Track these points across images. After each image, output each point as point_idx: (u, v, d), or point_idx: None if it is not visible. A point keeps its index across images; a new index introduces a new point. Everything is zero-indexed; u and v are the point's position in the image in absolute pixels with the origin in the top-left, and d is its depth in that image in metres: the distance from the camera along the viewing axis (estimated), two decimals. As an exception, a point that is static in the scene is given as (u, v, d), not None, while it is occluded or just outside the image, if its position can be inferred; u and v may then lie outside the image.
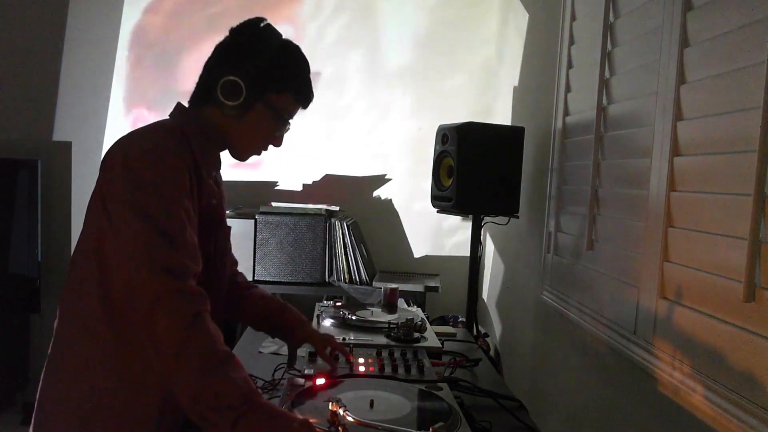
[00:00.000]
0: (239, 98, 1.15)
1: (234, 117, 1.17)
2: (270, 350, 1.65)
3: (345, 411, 1.00)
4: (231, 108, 1.16)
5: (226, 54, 1.18)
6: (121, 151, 1.08)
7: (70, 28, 2.89)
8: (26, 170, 2.70)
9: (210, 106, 1.18)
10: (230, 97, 1.15)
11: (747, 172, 1.03)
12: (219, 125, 1.19)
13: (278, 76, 1.18)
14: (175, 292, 0.99)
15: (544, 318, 2.16)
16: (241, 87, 1.14)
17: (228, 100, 1.15)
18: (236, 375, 0.97)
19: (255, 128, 1.21)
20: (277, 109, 1.20)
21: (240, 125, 1.19)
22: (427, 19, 3.19)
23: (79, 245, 1.12)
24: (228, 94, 1.14)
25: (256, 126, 1.20)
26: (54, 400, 1.12)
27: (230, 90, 1.14)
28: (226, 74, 1.14)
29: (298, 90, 1.22)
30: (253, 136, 1.22)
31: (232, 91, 1.14)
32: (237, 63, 1.15)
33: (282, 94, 1.20)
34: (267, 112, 1.19)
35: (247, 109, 1.17)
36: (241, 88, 1.14)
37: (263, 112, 1.19)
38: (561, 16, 2.06)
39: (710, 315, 1.15)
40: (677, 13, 1.30)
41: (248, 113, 1.17)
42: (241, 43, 1.17)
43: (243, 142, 1.23)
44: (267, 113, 1.19)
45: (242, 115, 1.17)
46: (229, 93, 1.14)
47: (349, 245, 2.86)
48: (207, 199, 1.18)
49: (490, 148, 2.22)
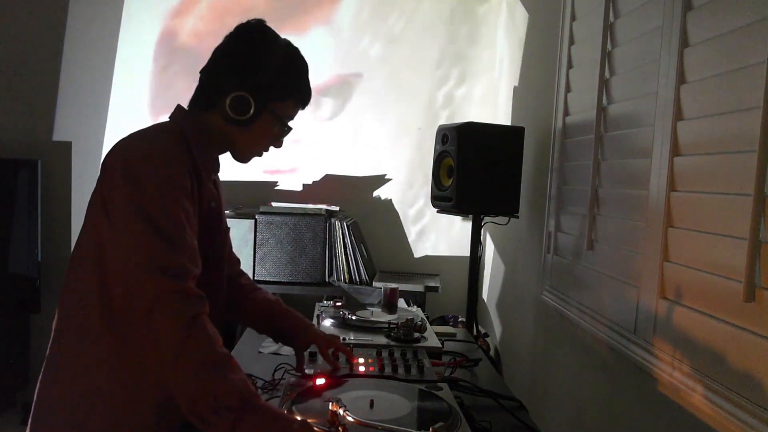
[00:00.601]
0: (248, 113, 1.16)
1: (238, 125, 1.18)
2: (270, 350, 1.65)
3: (345, 411, 1.00)
4: (238, 120, 1.17)
5: (230, 63, 1.18)
6: (121, 153, 1.08)
7: (70, 28, 2.89)
8: (26, 170, 2.70)
9: (212, 113, 1.18)
10: (239, 112, 1.16)
11: (747, 172, 1.03)
12: (222, 132, 1.19)
13: (283, 86, 1.19)
14: (174, 294, 0.99)
15: (544, 318, 2.16)
16: (249, 102, 1.15)
17: (237, 115, 1.16)
18: (235, 376, 0.97)
19: (260, 136, 1.22)
20: (281, 116, 1.21)
21: (245, 133, 1.20)
22: (428, 19, 3.19)
23: (78, 246, 1.12)
24: (237, 109, 1.15)
25: (262, 134, 1.22)
26: (51, 401, 1.12)
27: (239, 106, 1.15)
28: (233, 87, 1.15)
29: (300, 95, 1.24)
30: (257, 143, 1.24)
31: (242, 106, 1.15)
32: (243, 75, 1.15)
33: (285, 101, 1.21)
34: (272, 120, 1.20)
35: (254, 119, 1.18)
36: (250, 103, 1.15)
37: (268, 120, 1.20)
38: (561, 16, 2.06)
39: (710, 315, 1.15)
40: (677, 13, 1.30)
41: (254, 122, 1.18)
42: (244, 52, 1.17)
43: (247, 149, 1.24)
44: (272, 121, 1.20)
45: (248, 124, 1.18)
46: (239, 109, 1.15)
47: (349, 245, 2.86)
48: (207, 202, 1.18)
49: (490, 148, 2.22)
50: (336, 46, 3.17)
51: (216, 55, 1.20)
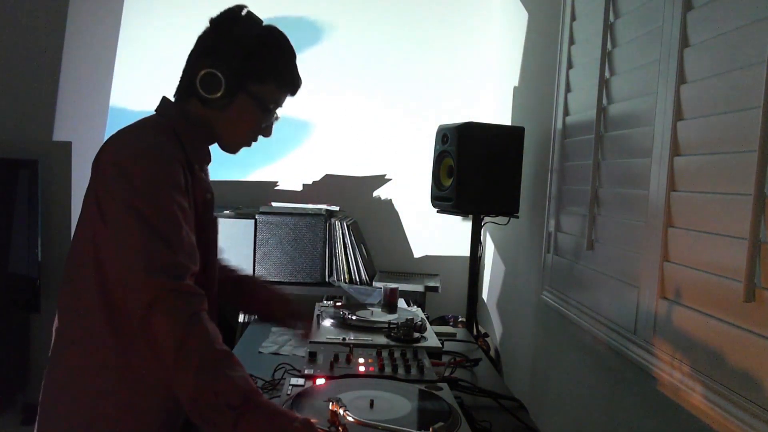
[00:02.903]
0: (219, 90, 1.14)
1: (217, 109, 1.16)
2: (270, 350, 1.65)
3: (345, 411, 1.00)
4: (213, 101, 1.15)
5: (206, 46, 1.17)
6: (112, 151, 1.07)
7: (70, 28, 2.89)
8: (26, 170, 2.70)
9: (193, 99, 1.17)
10: (210, 89, 1.14)
11: (747, 172, 1.03)
12: (203, 118, 1.18)
13: (258, 65, 1.16)
14: (172, 292, 0.99)
15: (544, 318, 2.16)
16: (219, 79, 1.13)
17: (208, 93, 1.14)
18: (236, 374, 0.96)
19: (239, 119, 1.19)
20: (260, 99, 1.18)
21: (224, 117, 1.18)
22: (428, 19, 3.19)
23: (75, 246, 1.11)
24: (207, 86, 1.13)
25: (241, 117, 1.19)
26: (56, 403, 1.12)
27: (209, 83, 1.13)
28: (205, 67, 1.13)
29: (281, 78, 1.20)
30: (238, 128, 1.21)
31: (211, 83, 1.13)
32: (215, 54, 1.14)
33: (264, 83, 1.18)
34: (250, 103, 1.18)
35: (230, 101, 1.16)
36: (219, 80, 1.13)
37: (246, 102, 1.17)
38: (561, 16, 2.06)
39: (710, 315, 1.15)
40: (677, 13, 1.30)
41: (231, 105, 1.16)
42: (219, 33, 1.16)
43: (229, 134, 1.22)
44: (250, 103, 1.18)
45: (225, 107, 1.16)
46: (209, 86, 1.13)
47: (349, 245, 2.86)
48: (202, 194, 1.17)
49: (490, 148, 2.22)
50: (336, 45, 3.17)
51: (197, 40, 1.19)
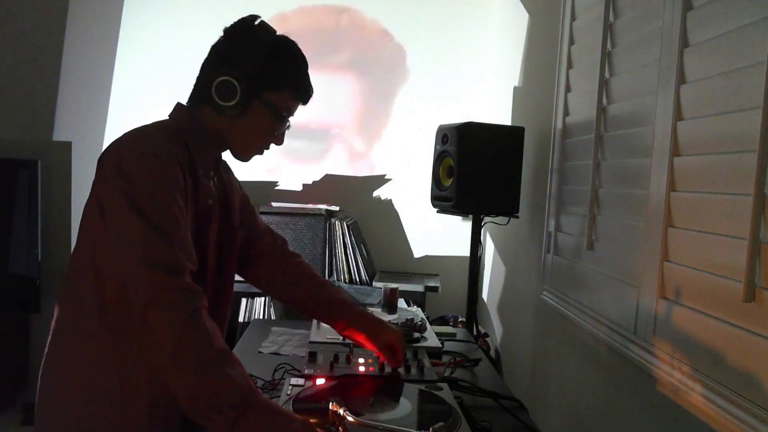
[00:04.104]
0: (234, 98, 1.14)
1: (231, 117, 1.17)
2: (270, 350, 1.65)
3: (345, 411, 1.00)
4: (227, 108, 1.15)
5: (220, 55, 1.17)
6: (116, 152, 1.08)
7: (70, 28, 2.89)
8: (26, 170, 2.70)
9: (206, 107, 1.17)
10: (225, 97, 1.14)
11: (747, 172, 1.03)
12: (216, 126, 1.18)
13: (273, 73, 1.17)
14: (171, 289, 0.98)
15: (544, 318, 2.16)
16: (235, 87, 1.13)
17: (223, 100, 1.14)
18: (235, 372, 0.96)
19: (253, 128, 1.20)
20: (274, 107, 1.19)
21: (238, 125, 1.18)
22: (427, 18, 3.19)
23: (77, 246, 1.12)
24: (222, 94, 1.14)
25: (255, 125, 1.20)
26: (53, 401, 1.12)
27: (224, 90, 1.14)
28: (220, 75, 1.14)
29: (295, 86, 1.21)
30: (252, 136, 1.22)
31: (227, 91, 1.14)
32: (231, 62, 1.14)
33: (278, 92, 1.18)
34: (264, 111, 1.18)
35: (244, 109, 1.16)
36: (235, 88, 1.13)
37: (260, 110, 1.18)
38: (561, 16, 2.06)
39: (710, 315, 1.15)
40: (677, 13, 1.30)
41: (245, 113, 1.17)
42: (234, 42, 1.17)
43: (242, 142, 1.22)
44: (264, 111, 1.18)
45: (239, 115, 1.17)
46: (224, 93, 1.14)
47: (349, 245, 2.86)
48: (203, 200, 1.18)
49: (490, 148, 2.22)
50: (335, 45, 3.17)
51: (211, 49, 1.20)
